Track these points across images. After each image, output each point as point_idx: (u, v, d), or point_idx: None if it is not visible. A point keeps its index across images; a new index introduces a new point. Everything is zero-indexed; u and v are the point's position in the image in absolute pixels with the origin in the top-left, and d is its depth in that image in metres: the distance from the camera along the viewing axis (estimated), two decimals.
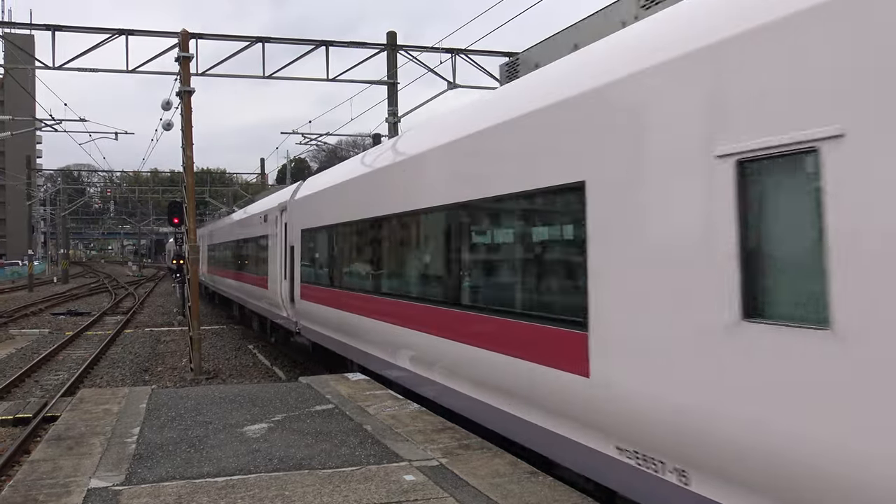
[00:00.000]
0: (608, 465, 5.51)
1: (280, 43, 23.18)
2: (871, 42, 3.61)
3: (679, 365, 4.72)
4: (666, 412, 4.82)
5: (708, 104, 4.57)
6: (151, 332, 26.98)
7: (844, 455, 3.67)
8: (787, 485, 4.01)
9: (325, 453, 6.93)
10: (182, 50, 17.69)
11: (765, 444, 4.09)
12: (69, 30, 21.76)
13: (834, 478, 3.73)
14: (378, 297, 10.91)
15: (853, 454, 3.62)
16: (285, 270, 17.66)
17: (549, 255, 6.58)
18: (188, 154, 17.80)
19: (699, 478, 4.65)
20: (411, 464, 6.52)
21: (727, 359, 4.35)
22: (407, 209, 9.80)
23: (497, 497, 5.57)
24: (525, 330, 6.64)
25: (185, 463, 6.66)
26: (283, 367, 19.03)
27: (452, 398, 8.27)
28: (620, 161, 5.36)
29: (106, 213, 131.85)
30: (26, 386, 16.49)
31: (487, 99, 8.60)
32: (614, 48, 5.91)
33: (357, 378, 11.05)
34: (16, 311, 35.11)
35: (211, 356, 20.90)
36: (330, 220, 13.87)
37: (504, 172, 7.11)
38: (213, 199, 74.55)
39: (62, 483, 6.09)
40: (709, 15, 4.80)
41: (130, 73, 22.08)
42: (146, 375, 18.03)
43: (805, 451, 3.86)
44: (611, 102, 5.53)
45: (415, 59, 23.20)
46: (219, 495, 5.74)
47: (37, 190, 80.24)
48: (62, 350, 22.03)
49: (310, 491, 5.82)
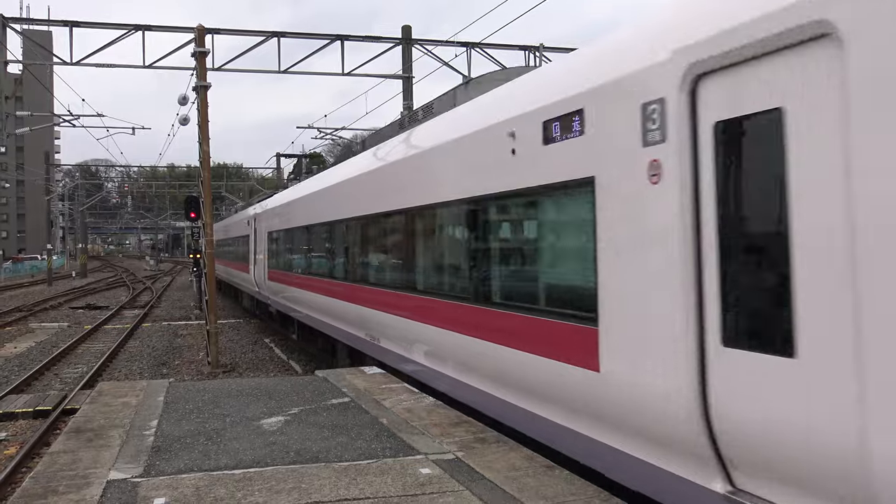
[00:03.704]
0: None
1: (295, 38, 23.22)
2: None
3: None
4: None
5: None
6: (169, 326, 27.17)
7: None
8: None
9: (341, 446, 6.95)
10: (198, 45, 17.74)
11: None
12: (86, 25, 21.90)
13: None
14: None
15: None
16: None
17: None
18: (205, 149, 17.87)
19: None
20: (427, 457, 6.53)
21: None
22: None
23: (513, 491, 5.57)
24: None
25: (202, 455, 6.71)
26: (299, 361, 19.10)
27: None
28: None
29: (123, 208, 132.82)
30: (46, 379, 16.66)
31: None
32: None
33: (373, 371, 11.08)
34: (35, 305, 35.48)
35: (228, 350, 21.02)
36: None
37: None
38: (229, 194, 74.85)
39: (81, 475, 6.15)
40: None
41: (147, 68, 22.23)
42: (164, 369, 18.16)
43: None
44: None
45: (430, 53, 23.18)
46: (236, 487, 5.77)
47: (55, 185, 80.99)
48: (81, 343, 22.24)
49: (326, 484, 5.84)
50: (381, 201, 11.29)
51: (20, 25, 23.88)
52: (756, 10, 4.10)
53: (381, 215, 11.29)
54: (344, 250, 13.68)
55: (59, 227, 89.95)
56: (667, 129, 4.84)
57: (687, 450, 4.73)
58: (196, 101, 17.93)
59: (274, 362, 19.28)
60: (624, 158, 5.31)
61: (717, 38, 4.37)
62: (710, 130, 4.48)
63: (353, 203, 12.90)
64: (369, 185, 12.03)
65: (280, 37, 22.55)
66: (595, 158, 5.68)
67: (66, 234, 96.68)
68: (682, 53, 4.69)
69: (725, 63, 4.32)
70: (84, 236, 76.66)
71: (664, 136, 4.85)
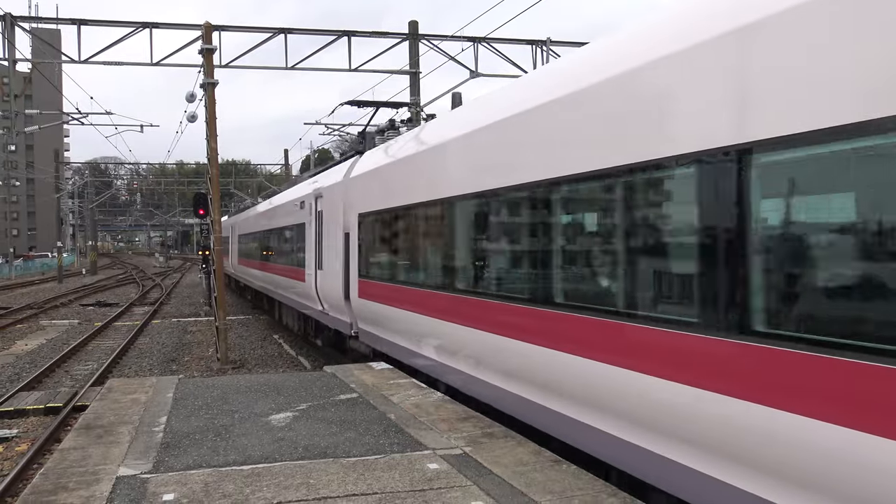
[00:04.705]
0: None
1: (302, 34, 23.27)
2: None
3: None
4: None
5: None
6: (178, 323, 27.28)
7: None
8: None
9: (349, 442, 6.97)
10: (206, 42, 17.78)
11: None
12: (94, 24, 21.97)
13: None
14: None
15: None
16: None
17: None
18: (212, 146, 17.91)
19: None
20: (435, 452, 6.54)
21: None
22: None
23: (520, 485, 5.57)
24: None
25: (211, 451, 6.74)
26: (308, 357, 19.15)
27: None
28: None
29: (133, 205, 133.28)
30: (57, 376, 16.75)
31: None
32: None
33: (381, 367, 11.10)
34: (46, 302, 35.66)
35: (237, 346, 21.10)
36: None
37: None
38: (237, 191, 75.04)
39: (91, 471, 6.19)
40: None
41: (155, 65, 22.29)
42: (173, 365, 18.23)
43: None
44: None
45: (436, 48, 23.15)
46: (244, 483, 5.80)
47: (65, 183, 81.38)
48: (91, 340, 22.35)
49: (334, 479, 5.86)
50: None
51: (29, 24, 23.99)
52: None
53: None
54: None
55: (69, 224, 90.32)
56: None
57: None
58: (204, 99, 17.98)
59: (283, 358, 19.34)
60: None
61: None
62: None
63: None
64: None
65: (287, 33, 22.58)
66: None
67: (76, 232, 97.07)
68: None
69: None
70: (94, 234, 76.99)
71: None
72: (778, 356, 4.25)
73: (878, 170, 3.84)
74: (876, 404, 3.66)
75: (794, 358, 4.13)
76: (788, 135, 4.19)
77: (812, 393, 4.02)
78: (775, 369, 4.26)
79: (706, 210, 4.84)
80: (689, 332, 4.92)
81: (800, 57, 4.17)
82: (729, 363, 4.59)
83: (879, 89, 3.71)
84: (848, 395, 3.81)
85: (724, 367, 4.63)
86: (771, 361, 4.29)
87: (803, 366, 4.07)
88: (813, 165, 4.23)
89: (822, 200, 4.31)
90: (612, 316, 5.78)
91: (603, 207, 6.19)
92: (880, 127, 3.70)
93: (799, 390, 4.10)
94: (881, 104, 3.69)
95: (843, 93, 3.90)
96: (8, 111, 23.63)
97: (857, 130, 3.82)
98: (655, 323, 5.28)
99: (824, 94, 4.01)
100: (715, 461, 4.74)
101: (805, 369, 4.06)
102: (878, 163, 3.85)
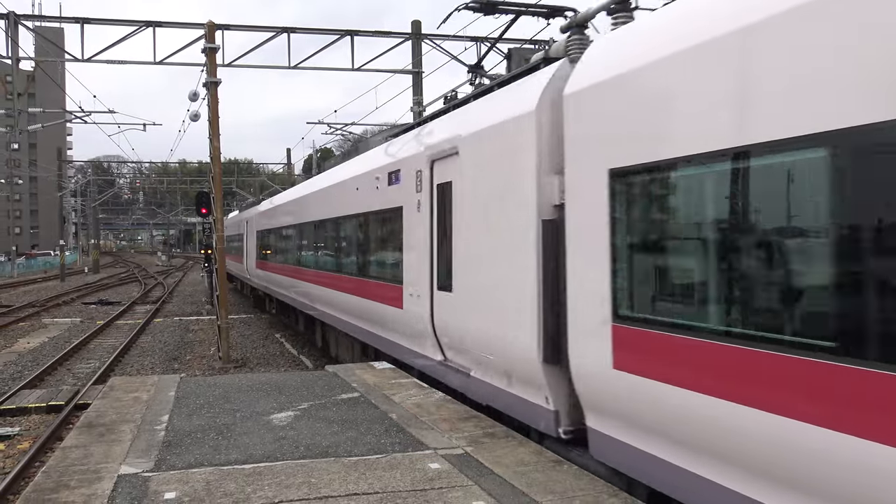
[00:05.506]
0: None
1: (305, 33, 23.29)
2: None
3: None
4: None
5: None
6: (180, 322, 27.31)
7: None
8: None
9: (350, 441, 6.98)
10: (209, 41, 17.80)
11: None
12: (98, 22, 21.99)
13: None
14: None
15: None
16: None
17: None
18: (215, 144, 17.93)
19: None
20: (436, 452, 6.54)
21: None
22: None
23: (521, 485, 5.57)
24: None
25: (213, 450, 6.74)
26: (309, 356, 19.17)
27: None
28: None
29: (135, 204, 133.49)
30: (59, 374, 16.78)
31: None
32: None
33: (382, 367, 11.10)
34: (48, 300, 35.71)
35: (239, 345, 21.12)
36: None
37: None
38: (240, 190, 75.08)
39: (93, 469, 6.20)
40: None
41: (158, 64, 22.30)
42: (175, 364, 18.26)
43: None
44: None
45: (439, 48, 23.15)
46: (246, 482, 5.81)
47: (68, 181, 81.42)
48: (93, 339, 22.38)
49: (336, 478, 5.87)
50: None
51: (32, 23, 24.00)
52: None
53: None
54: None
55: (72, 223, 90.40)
56: None
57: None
58: (206, 98, 18.00)
59: (284, 357, 19.36)
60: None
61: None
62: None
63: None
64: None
65: (290, 32, 22.59)
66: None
67: (79, 230, 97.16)
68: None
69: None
70: (96, 232, 77.03)
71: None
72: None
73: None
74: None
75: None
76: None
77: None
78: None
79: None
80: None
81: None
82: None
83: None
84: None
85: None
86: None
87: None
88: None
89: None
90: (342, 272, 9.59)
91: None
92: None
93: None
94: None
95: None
96: (11, 109, 23.63)
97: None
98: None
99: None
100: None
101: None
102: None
